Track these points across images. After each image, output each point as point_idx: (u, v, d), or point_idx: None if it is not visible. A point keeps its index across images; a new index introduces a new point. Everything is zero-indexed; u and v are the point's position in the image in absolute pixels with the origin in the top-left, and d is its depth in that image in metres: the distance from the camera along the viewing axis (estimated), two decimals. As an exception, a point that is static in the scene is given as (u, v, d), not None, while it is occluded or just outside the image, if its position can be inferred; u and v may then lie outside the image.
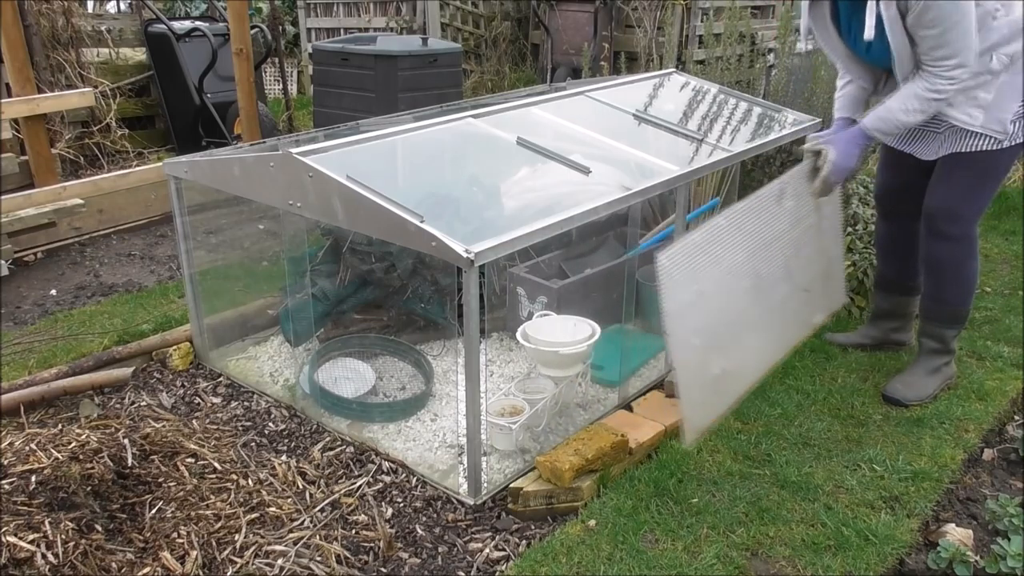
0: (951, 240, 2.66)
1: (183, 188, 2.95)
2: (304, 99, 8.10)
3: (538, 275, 3.15)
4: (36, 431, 2.48)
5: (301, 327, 3.11)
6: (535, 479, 2.35)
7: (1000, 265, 4.10)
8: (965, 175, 2.60)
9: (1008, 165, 2.63)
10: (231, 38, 5.03)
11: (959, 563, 2.03)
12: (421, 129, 2.92)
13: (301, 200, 2.46)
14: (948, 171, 2.62)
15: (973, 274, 2.74)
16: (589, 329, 2.70)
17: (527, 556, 2.12)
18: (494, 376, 3.01)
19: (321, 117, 5.57)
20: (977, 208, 2.65)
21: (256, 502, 2.31)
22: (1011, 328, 3.37)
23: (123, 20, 6.41)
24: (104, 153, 5.74)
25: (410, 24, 8.13)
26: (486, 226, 2.26)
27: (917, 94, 2.43)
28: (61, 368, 2.93)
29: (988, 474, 2.50)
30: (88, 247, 4.41)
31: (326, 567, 2.09)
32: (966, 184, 2.61)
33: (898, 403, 2.78)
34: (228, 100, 5.81)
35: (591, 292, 3.11)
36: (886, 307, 3.07)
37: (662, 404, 2.73)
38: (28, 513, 2.06)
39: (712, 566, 2.07)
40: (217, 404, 2.90)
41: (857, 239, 3.47)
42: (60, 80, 5.58)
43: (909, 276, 2.98)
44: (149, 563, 2.05)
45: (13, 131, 4.86)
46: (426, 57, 5.32)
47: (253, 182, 2.63)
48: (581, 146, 2.88)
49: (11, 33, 4.49)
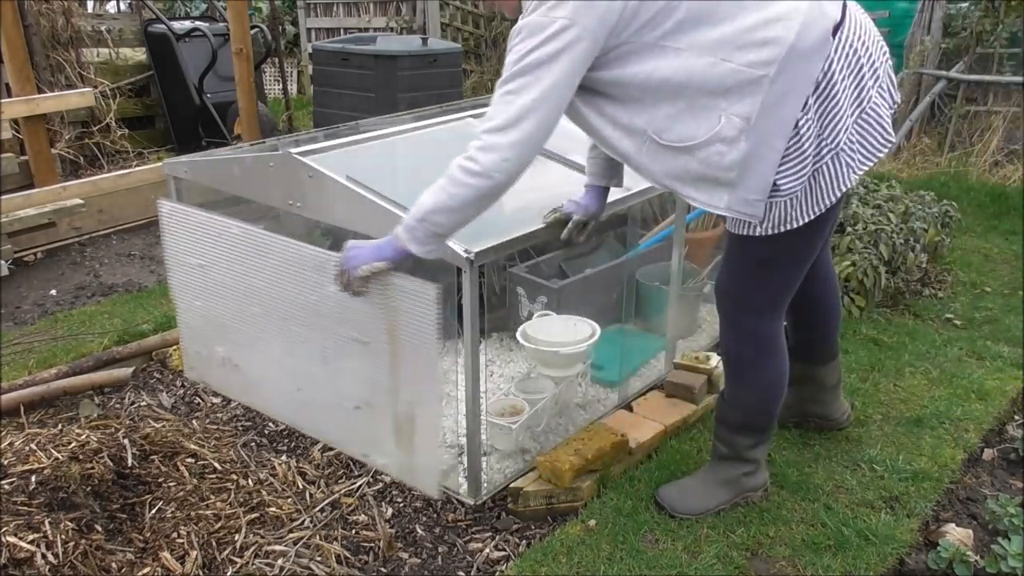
0: (738, 332, 2.15)
1: (183, 188, 2.95)
2: (304, 99, 8.11)
3: (538, 275, 3.15)
4: (36, 431, 2.48)
5: (301, 327, 3.10)
6: (535, 479, 2.35)
7: (1000, 265, 4.10)
8: (738, 257, 2.07)
9: (794, 253, 2.01)
10: (231, 38, 5.03)
11: (959, 563, 2.03)
12: (421, 129, 2.92)
13: (301, 200, 2.46)
14: (727, 249, 2.10)
15: (772, 377, 2.16)
16: (589, 329, 2.70)
17: (527, 556, 2.12)
18: (494, 376, 3.01)
19: (321, 117, 5.58)
20: (764, 299, 2.09)
21: (256, 502, 2.31)
22: (1011, 328, 3.37)
23: (123, 20, 6.41)
24: (104, 153, 5.75)
25: (410, 24, 8.14)
26: (486, 226, 2.25)
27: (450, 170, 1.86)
28: (61, 368, 2.93)
29: (988, 474, 2.50)
30: (88, 247, 4.42)
31: (326, 567, 2.09)
32: (742, 270, 2.08)
33: (666, 511, 2.27)
34: (228, 100, 5.81)
35: (591, 292, 3.10)
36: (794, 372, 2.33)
37: (662, 404, 2.73)
38: (28, 513, 2.06)
39: (712, 566, 2.07)
40: (217, 404, 2.90)
41: (857, 239, 3.47)
42: (60, 80, 5.59)
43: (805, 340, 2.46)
44: (149, 563, 2.05)
45: (13, 131, 4.86)
46: (426, 57, 5.32)
47: (253, 182, 2.63)
48: (581, 146, 2.87)
49: (11, 33, 4.49)
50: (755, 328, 2.12)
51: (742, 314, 2.12)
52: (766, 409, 2.20)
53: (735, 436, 2.24)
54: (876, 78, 1.87)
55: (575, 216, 2.29)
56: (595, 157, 2.30)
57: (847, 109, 1.82)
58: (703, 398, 2.74)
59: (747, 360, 2.17)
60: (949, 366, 3.05)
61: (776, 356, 2.15)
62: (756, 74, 1.74)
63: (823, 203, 1.88)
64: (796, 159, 1.80)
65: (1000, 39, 5.58)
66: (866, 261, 3.39)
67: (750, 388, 2.19)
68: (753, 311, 2.10)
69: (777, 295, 2.10)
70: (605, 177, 2.31)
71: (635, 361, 3.05)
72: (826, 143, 1.82)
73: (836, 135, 1.81)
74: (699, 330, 3.36)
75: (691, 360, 2.83)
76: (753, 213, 1.86)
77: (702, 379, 2.75)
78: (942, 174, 5.44)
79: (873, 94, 1.86)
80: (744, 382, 2.19)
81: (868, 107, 1.86)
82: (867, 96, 1.85)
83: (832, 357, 2.51)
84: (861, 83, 1.84)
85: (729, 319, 2.16)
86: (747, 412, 2.21)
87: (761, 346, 2.13)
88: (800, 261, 2.05)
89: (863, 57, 1.83)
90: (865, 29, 1.86)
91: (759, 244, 1.96)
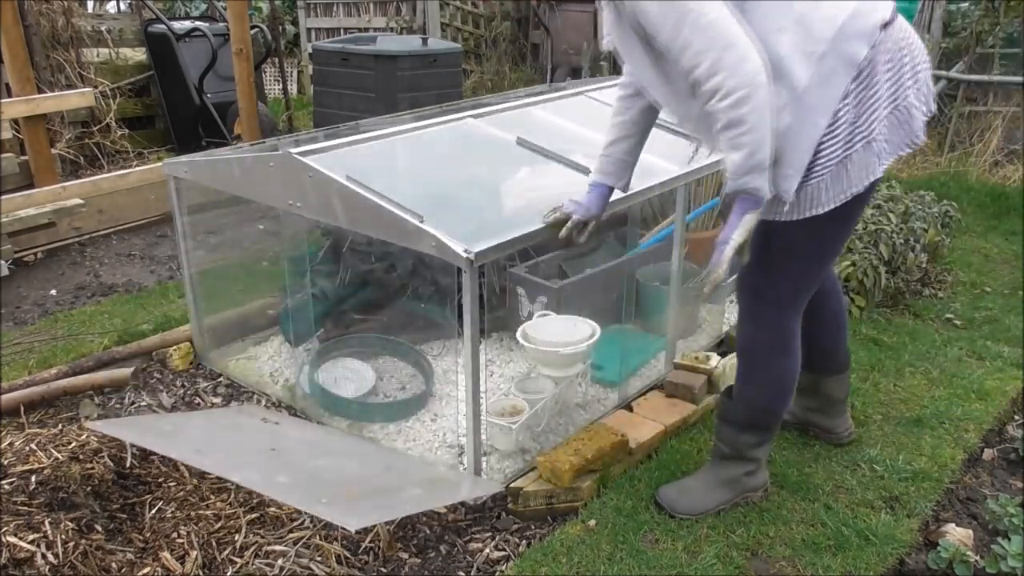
0: (755, 323, 2.16)
1: (183, 188, 2.95)
2: (304, 99, 8.10)
3: (538, 275, 3.15)
4: (36, 431, 2.48)
5: (301, 327, 3.11)
6: (535, 479, 2.35)
7: (1000, 265, 4.10)
8: (762, 244, 2.06)
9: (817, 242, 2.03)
10: (231, 38, 5.03)
11: (959, 563, 2.03)
12: (421, 129, 2.92)
13: (301, 200, 2.46)
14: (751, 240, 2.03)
15: (782, 376, 2.17)
16: (589, 329, 2.70)
17: (527, 556, 2.12)
18: (494, 376, 3.01)
19: (321, 117, 5.58)
20: (784, 291, 2.10)
21: (256, 502, 2.31)
22: (1011, 328, 3.37)
23: (123, 20, 6.41)
24: (104, 153, 5.74)
25: (410, 24, 8.14)
26: (486, 226, 2.25)
27: None
28: (61, 368, 2.93)
29: (988, 474, 2.50)
30: (88, 247, 4.42)
31: (326, 567, 2.09)
32: (765, 259, 2.08)
33: (665, 511, 2.28)
34: (228, 100, 5.81)
35: (591, 292, 3.10)
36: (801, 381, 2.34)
37: (662, 404, 2.73)
38: (28, 513, 2.06)
39: (712, 566, 2.07)
40: (217, 404, 2.90)
41: (857, 239, 3.47)
42: (60, 80, 5.59)
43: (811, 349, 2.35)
44: (149, 563, 2.05)
45: (13, 131, 4.86)
46: (426, 57, 5.32)
47: (253, 182, 2.63)
48: (581, 146, 2.88)
49: (11, 33, 4.49)
50: (773, 322, 2.13)
51: (762, 305, 2.13)
52: (772, 408, 2.21)
53: (739, 435, 2.24)
54: (915, 80, 1.93)
55: (575, 216, 2.29)
56: (610, 155, 2.28)
57: (883, 101, 1.88)
58: (703, 398, 2.74)
59: (760, 355, 2.17)
60: (949, 366, 3.06)
61: (789, 356, 2.16)
62: (809, 49, 1.81)
63: (850, 190, 1.92)
64: (828, 142, 1.86)
65: (998, 39, 5.58)
66: (866, 261, 3.39)
67: (759, 385, 2.19)
68: (773, 303, 2.11)
69: (797, 287, 2.11)
70: (614, 177, 2.30)
71: (635, 361, 3.05)
72: (859, 130, 1.87)
73: (870, 124, 1.87)
74: (699, 330, 3.36)
75: (691, 360, 2.83)
76: (787, 188, 1.89)
77: (702, 379, 2.75)
78: (942, 174, 5.44)
79: (910, 93, 1.92)
80: (754, 378, 2.19)
81: (903, 104, 1.91)
82: (903, 94, 1.91)
83: (840, 369, 2.51)
84: (900, 80, 1.90)
85: (748, 310, 2.17)
86: (753, 410, 2.21)
87: (776, 342, 2.14)
88: (822, 253, 2.08)
89: (905, 57, 1.91)
90: (911, 36, 1.94)
91: (784, 230, 1.99)
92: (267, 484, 1.97)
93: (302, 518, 2.26)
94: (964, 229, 4.41)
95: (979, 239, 4.45)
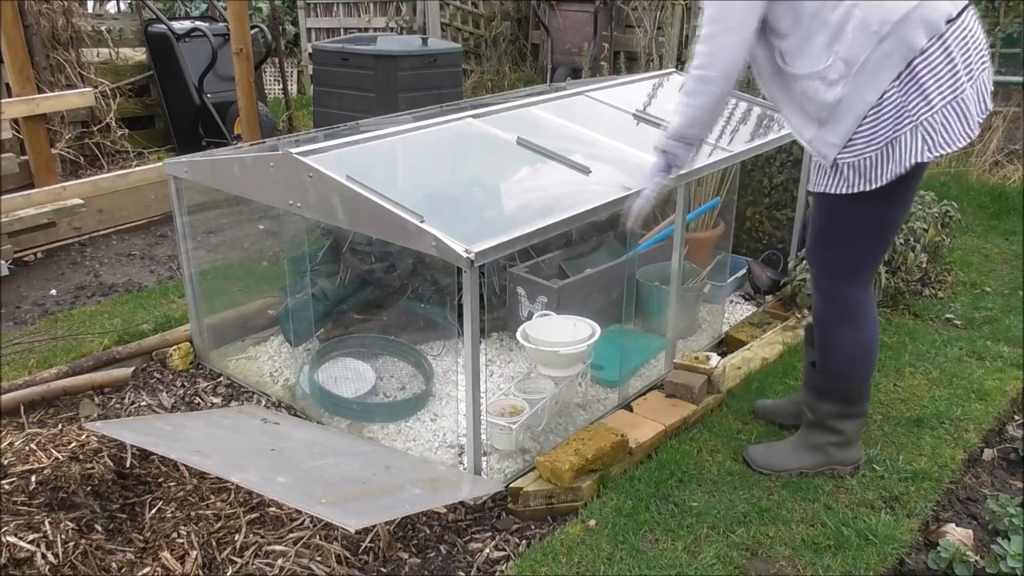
0: (822, 295, 2.30)
1: (183, 188, 2.95)
2: (304, 99, 8.10)
3: (538, 275, 3.15)
4: (36, 431, 2.48)
5: (301, 327, 3.11)
6: (535, 479, 2.35)
7: (1000, 265, 4.10)
8: (818, 217, 2.25)
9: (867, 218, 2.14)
10: (231, 38, 5.03)
11: (959, 563, 2.03)
12: (421, 129, 2.92)
13: (301, 200, 2.46)
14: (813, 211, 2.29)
15: (852, 347, 2.29)
16: (589, 329, 2.70)
17: (527, 556, 2.12)
18: (494, 376, 3.01)
19: (321, 117, 5.57)
20: (842, 263, 2.23)
21: (256, 502, 2.31)
22: (1011, 328, 3.37)
23: (123, 20, 6.41)
24: (104, 153, 5.74)
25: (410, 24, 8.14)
26: (486, 226, 2.25)
27: None
28: (61, 368, 2.93)
29: (988, 474, 2.50)
30: (88, 247, 4.42)
31: (326, 567, 2.09)
32: (823, 231, 2.24)
33: (748, 464, 2.46)
34: (228, 100, 5.81)
35: (591, 292, 3.11)
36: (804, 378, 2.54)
37: (662, 404, 2.73)
38: (28, 513, 2.06)
39: (712, 566, 2.07)
40: (217, 404, 2.90)
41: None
42: (60, 80, 5.58)
43: None
44: (149, 563, 2.05)
45: (13, 131, 4.86)
46: (426, 57, 5.32)
47: (253, 182, 2.63)
48: (581, 146, 2.88)
49: (11, 33, 4.50)
50: (839, 294, 2.25)
51: (825, 277, 2.28)
52: (848, 377, 2.33)
53: (818, 401, 2.38)
54: (971, 77, 1.99)
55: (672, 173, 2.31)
56: None
57: (936, 93, 1.95)
58: (703, 398, 2.74)
59: (831, 326, 2.30)
60: (949, 366, 3.06)
61: (858, 329, 2.27)
62: (874, 27, 1.93)
63: (896, 170, 2.01)
64: (873, 119, 1.98)
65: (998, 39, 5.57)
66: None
67: (831, 353, 2.32)
68: (835, 275, 2.25)
69: (855, 261, 2.22)
70: None
71: (635, 361, 3.05)
72: (908, 114, 1.96)
73: (918, 110, 1.96)
74: (699, 330, 3.36)
75: (691, 360, 2.83)
76: (826, 154, 2.06)
77: (702, 379, 2.75)
78: (942, 174, 5.44)
79: (967, 87, 1.98)
80: (826, 347, 2.33)
81: (960, 97, 1.97)
82: (961, 88, 1.97)
83: None
84: (956, 75, 1.96)
85: (816, 283, 2.32)
86: (828, 377, 2.35)
87: (845, 314, 2.26)
88: (880, 230, 2.19)
89: (969, 52, 1.97)
90: (975, 36, 1.99)
91: (836, 203, 2.12)
92: (267, 484, 1.97)
93: (302, 518, 2.26)
94: (964, 229, 4.41)
95: (979, 239, 4.45)
